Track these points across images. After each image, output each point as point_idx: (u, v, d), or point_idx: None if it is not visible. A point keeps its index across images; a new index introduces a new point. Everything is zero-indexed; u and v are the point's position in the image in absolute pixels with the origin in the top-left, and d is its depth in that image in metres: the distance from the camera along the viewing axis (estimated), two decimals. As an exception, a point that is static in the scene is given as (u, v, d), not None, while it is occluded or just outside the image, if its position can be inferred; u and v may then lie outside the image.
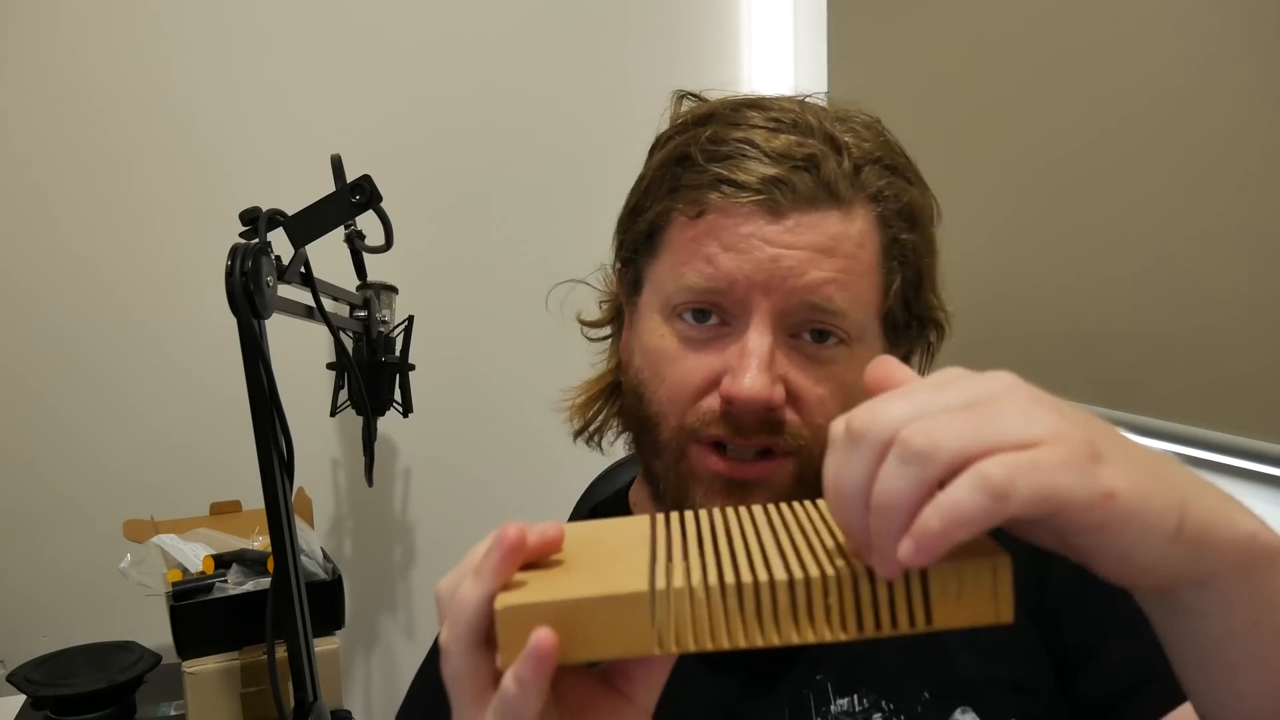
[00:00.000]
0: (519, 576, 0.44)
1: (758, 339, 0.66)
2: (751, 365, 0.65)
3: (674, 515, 0.49)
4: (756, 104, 0.70)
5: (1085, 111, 1.30)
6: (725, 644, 0.41)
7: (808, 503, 0.49)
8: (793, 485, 0.68)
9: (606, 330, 0.83)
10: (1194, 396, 1.18)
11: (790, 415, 0.67)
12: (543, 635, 0.40)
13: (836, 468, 0.39)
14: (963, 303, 0.78)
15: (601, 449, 0.85)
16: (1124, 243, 1.25)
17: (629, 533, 0.48)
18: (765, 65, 2.00)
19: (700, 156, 0.68)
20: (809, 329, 0.68)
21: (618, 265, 0.79)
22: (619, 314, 0.80)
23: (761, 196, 0.66)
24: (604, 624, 0.41)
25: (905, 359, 0.75)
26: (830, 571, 0.41)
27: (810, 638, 0.41)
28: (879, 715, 0.68)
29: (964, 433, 0.36)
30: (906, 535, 0.36)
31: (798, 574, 0.41)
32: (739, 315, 0.67)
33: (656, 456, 0.71)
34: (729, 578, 0.41)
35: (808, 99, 0.72)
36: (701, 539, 0.46)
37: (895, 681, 0.69)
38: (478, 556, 0.44)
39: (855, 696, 0.69)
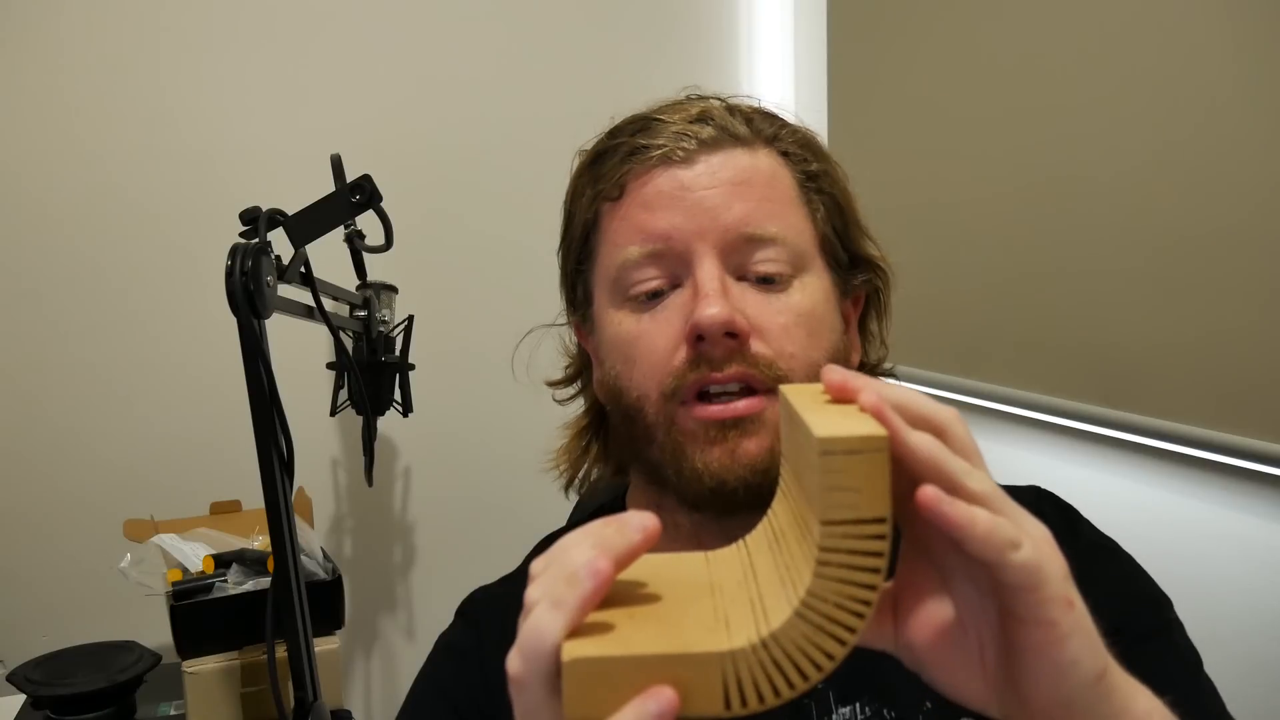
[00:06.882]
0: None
1: (707, 274, 0.68)
2: (709, 293, 0.66)
3: (715, 554, 0.49)
4: (652, 112, 0.76)
5: (1085, 113, 1.30)
6: (787, 692, 0.41)
7: (776, 508, 0.49)
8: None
9: (574, 389, 0.84)
10: (1194, 396, 1.17)
11: (759, 346, 0.67)
12: (667, 695, 0.39)
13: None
14: (966, 303, 0.78)
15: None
16: (1124, 243, 1.25)
17: (684, 574, 0.47)
18: (765, 67, 2.00)
19: (610, 143, 0.74)
20: (753, 269, 0.69)
21: (572, 316, 0.80)
22: (584, 366, 0.81)
23: (668, 147, 0.70)
24: (672, 683, 0.40)
25: (862, 306, 0.79)
26: (808, 577, 0.41)
27: (849, 637, 0.41)
28: None
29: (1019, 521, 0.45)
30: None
31: (794, 598, 0.41)
32: (683, 270, 0.69)
33: (650, 442, 0.70)
34: (763, 628, 0.41)
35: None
36: (741, 580, 0.46)
37: (898, 690, 0.67)
38: (575, 564, 0.42)
39: (857, 705, 0.68)
